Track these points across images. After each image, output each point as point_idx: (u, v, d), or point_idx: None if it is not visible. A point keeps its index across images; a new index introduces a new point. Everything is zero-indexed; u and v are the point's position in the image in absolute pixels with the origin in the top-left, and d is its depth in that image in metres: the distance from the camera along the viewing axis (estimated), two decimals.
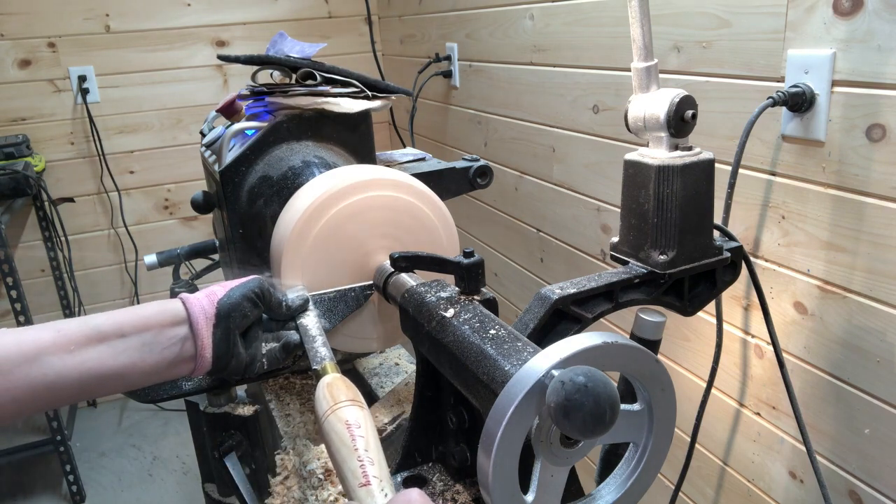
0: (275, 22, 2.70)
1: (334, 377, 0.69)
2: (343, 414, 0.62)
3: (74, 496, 2.30)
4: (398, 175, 0.97)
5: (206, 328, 0.70)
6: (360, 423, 0.61)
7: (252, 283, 0.75)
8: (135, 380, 0.67)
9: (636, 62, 0.81)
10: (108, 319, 0.66)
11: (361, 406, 0.64)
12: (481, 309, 0.73)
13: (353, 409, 0.63)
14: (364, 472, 0.56)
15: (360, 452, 0.58)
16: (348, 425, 0.60)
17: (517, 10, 1.74)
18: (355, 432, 0.60)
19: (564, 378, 0.50)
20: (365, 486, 0.55)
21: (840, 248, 0.98)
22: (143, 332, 0.67)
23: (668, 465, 1.37)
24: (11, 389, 0.59)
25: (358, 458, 0.57)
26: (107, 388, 0.66)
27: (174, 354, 0.68)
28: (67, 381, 0.62)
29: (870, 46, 0.89)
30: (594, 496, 0.64)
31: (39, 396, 0.61)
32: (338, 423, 0.61)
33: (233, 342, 0.71)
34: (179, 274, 1.49)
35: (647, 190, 0.79)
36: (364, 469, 0.57)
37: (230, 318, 0.71)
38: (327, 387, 0.66)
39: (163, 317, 0.69)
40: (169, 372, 0.69)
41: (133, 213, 2.71)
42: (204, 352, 0.70)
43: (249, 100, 1.10)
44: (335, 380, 0.68)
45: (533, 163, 1.79)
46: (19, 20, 2.42)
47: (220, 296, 0.72)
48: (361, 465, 0.57)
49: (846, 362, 1.00)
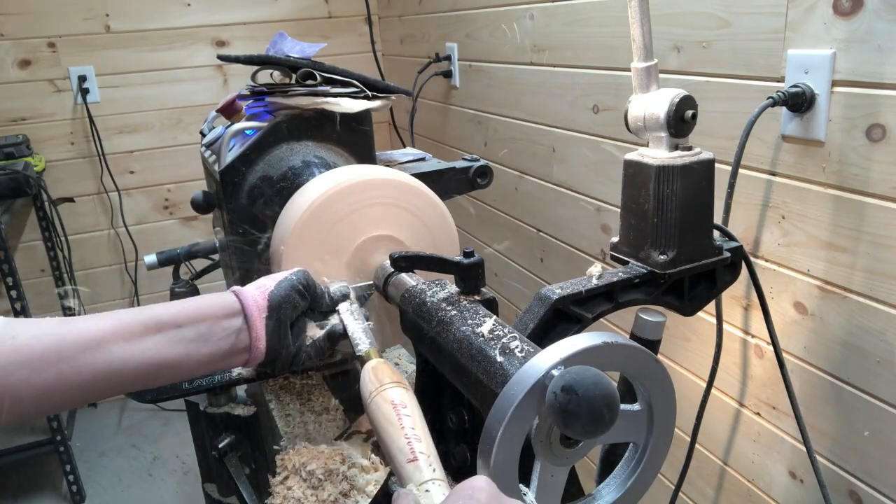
0: (275, 22, 2.70)
1: (378, 361, 0.71)
2: (389, 395, 0.64)
3: (74, 496, 2.30)
4: (398, 175, 0.97)
5: (260, 319, 0.72)
6: (406, 404, 0.63)
7: (299, 274, 0.77)
8: (190, 369, 0.69)
9: (636, 62, 0.81)
10: (165, 310, 0.68)
11: (406, 388, 0.66)
12: (481, 309, 0.73)
13: (399, 389, 0.65)
14: (412, 449, 0.58)
15: (406, 430, 0.60)
16: (394, 405, 0.63)
17: (517, 10, 1.74)
18: (401, 412, 0.62)
19: (564, 378, 0.50)
20: (413, 461, 0.57)
21: (840, 248, 0.98)
22: (199, 322, 0.69)
23: (668, 465, 1.37)
24: (76, 376, 0.61)
25: (405, 436, 0.59)
26: (163, 377, 0.68)
27: (229, 345, 0.70)
28: (128, 368, 0.64)
29: (870, 46, 0.89)
30: (594, 496, 0.64)
31: (101, 384, 0.63)
32: (384, 404, 0.63)
33: (284, 333, 0.74)
34: (179, 274, 1.49)
35: (647, 190, 0.79)
36: (411, 446, 0.58)
37: (281, 310, 0.73)
38: (372, 370, 0.69)
39: (217, 308, 0.71)
40: (224, 362, 0.72)
41: (133, 213, 2.71)
42: (258, 343, 0.72)
43: (249, 100, 1.10)
44: (379, 363, 0.70)
45: (533, 163, 1.79)
46: (19, 20, 2.42)
47: (270, 288, 0.74)
48: (409, 443, 0.59)
49: (846, 362, 1.00)
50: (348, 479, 0.92)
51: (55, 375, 0.60)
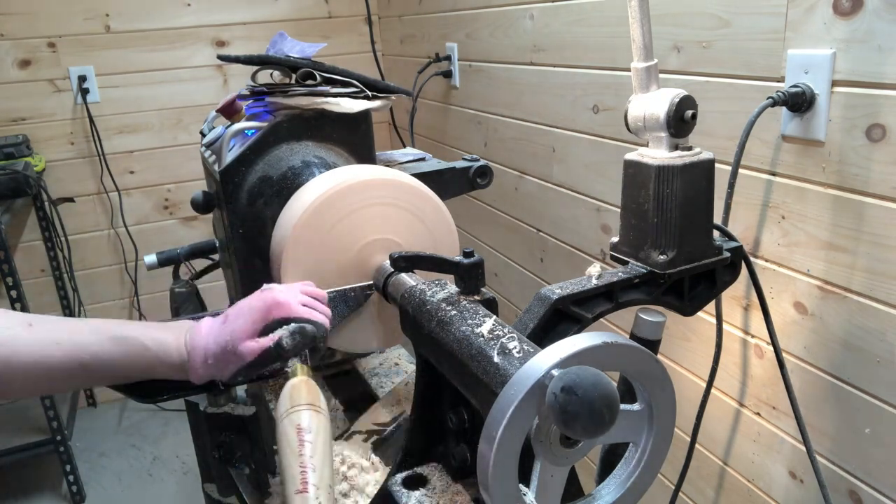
0: (275, 22, 2.70)
1: (300, 380, 0.68)
2: (296, 418, 0.61)
3: (74, 496, 2.30)
4: (398, 175, 0.97)
5: (203, 367, 0.73)
6: (312, 429, 0.60)
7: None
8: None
9: (636, 62, 0.81)
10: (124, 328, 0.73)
11: (318, 411, 0.63)
12: (481, 309, 0.73)
13: (308, 413, 0.62)
14: (303, 479, 0.56)
15: (304, 458, 0.57)
16: (299, 429, 0.60)
17: (517, 10, 1.74)
18: (305, 437, 0.59)
19: (564, 378, 0.50)
20: (301, 492, 0.55)
21: (840, 248, 0.98)
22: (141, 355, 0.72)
23: (668, 465, 1.37)
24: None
25: (300, 465, 0.57)
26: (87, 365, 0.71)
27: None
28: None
29: (870, 46, 0.89)
30: (594, 496, 0.64)
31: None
32: (289, 427, 0.61)
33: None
34: (179, 274, 1.49)
35: (647, 190, 0.79)
36: (304, 476, 0.56)
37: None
38: (291, 388, 0.67)
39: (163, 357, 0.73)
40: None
41: (133, 213, 2.71)
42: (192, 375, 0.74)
43: (249, 100, 1.10)
44: (300, 382, 0.68)
45: (533, 163, 1.79)
46: (19, 20, 2.42)
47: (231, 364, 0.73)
48: (303, 472, 0.56)
49: (846, 362, 1.00)
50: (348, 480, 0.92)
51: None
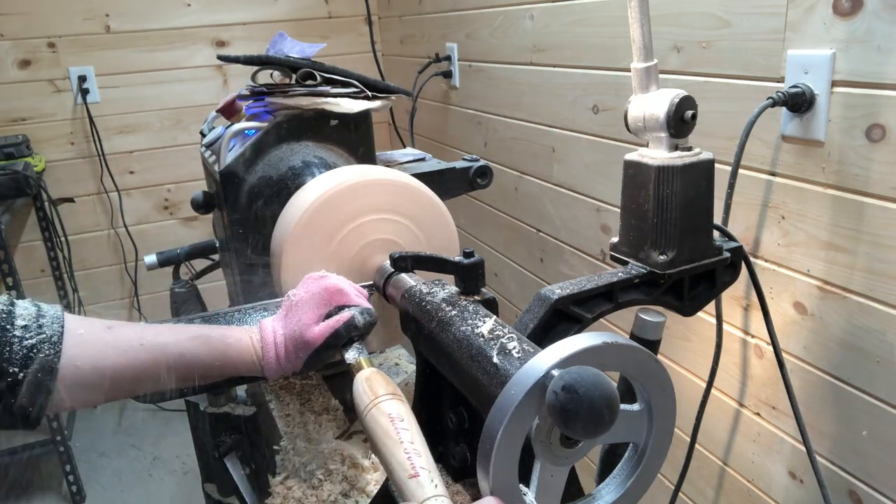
0: (275, 22, 2.70)
1: (371, 371, 0.70)
2: (385, 408, 0.63)
3: (74, 496, 2.30)
4: (398, 175, 0.97)
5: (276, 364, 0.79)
6: (403, 416, 0.62)
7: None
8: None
9: (636, 62, 0.81)
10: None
11: (401, 399, 0.65)
12: (481, 309, 0.73)
13: (395, 402, 0.64)
14: (412, 464, 0.57)
15: (405, 445, 0.59)
16: (391, 418, 0.62)
17: (517, 10, 1.74)
18: (399, 425, 0.61)
19: (564, 378, 0.50)
20: (414, 477, 0.56)
21: (840, 248, 0.98)
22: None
23: (668, 465, 1.37)
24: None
25: (405, 451, 0.58)
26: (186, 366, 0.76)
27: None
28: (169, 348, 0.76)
29: (869, 46, 0.89)
30: (594, 496, 0.64)
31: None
32: (381, 417, 0.62)
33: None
34: (179, 274, 1.49)
35: (647, 190, 0.79)
36: (412, 461, 0.58)
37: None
38: (366, 381, 0.68)
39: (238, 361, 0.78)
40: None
41: (133, 213, 2.71)
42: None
43: (249, 100, 1.10)
44: (373, 374, 0.69)
45: (533, 163, 1.79)
46: (19, 20, 2.42)
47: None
48: (409, 458, 0.58)
49: (846, 362, 1.00)
50: (348, 480, 0.92)
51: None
